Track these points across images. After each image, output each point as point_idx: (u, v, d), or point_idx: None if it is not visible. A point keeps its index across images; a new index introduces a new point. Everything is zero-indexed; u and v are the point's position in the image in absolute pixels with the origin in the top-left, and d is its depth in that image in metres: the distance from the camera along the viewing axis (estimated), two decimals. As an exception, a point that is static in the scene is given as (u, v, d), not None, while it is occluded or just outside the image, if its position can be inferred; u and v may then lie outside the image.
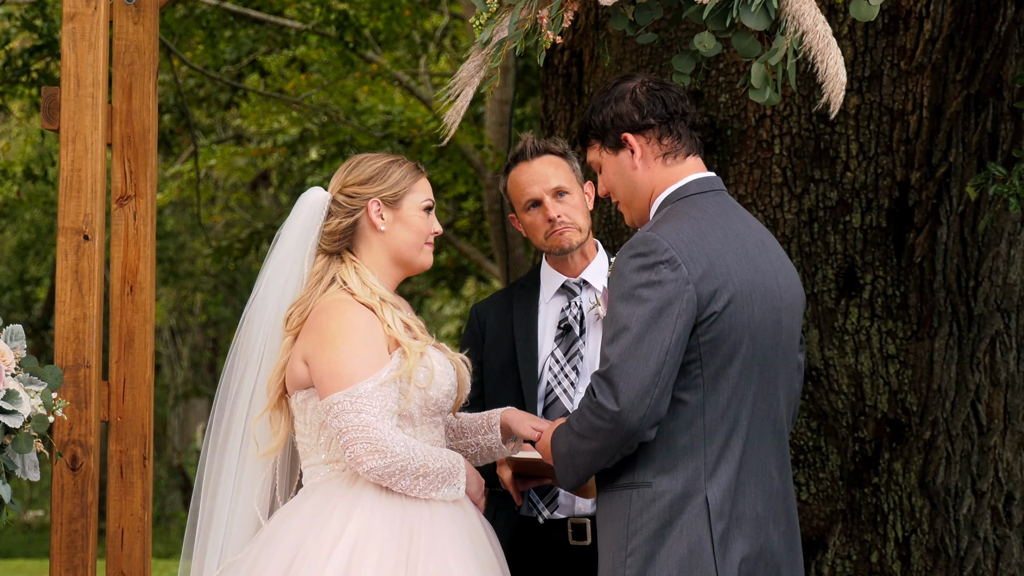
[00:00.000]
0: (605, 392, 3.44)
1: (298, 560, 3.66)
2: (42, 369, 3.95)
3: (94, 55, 4.30)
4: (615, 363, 3.43)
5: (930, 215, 5.68)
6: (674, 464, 3.49)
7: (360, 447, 3.67)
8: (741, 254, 3.57)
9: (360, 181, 3.92)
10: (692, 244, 3.50)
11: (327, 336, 3.75)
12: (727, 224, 3.60)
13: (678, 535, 3.47)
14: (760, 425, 3.59)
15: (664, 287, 3.45)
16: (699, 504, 3.48)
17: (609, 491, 3.57)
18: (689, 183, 3.66)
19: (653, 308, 3.44)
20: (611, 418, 3.42)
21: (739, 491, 3.53)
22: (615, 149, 3.69)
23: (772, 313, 3.60)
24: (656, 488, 3.49)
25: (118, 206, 4.37)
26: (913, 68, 5.67)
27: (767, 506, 3.60)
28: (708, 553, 3.47)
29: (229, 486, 3.87)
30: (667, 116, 3.65)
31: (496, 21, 3.74)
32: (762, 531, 3.58)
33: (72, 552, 4.22)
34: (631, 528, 3.49)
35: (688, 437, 3.50)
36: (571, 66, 6.37)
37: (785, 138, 5.75)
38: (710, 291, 3.48)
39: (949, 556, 5.66)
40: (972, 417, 5.74)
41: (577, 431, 3.52)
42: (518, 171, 4.37)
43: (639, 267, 3.48)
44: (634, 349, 3.42)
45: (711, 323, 3.48)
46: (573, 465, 3.57)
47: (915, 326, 5.70)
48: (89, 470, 4.22)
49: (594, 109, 3.70)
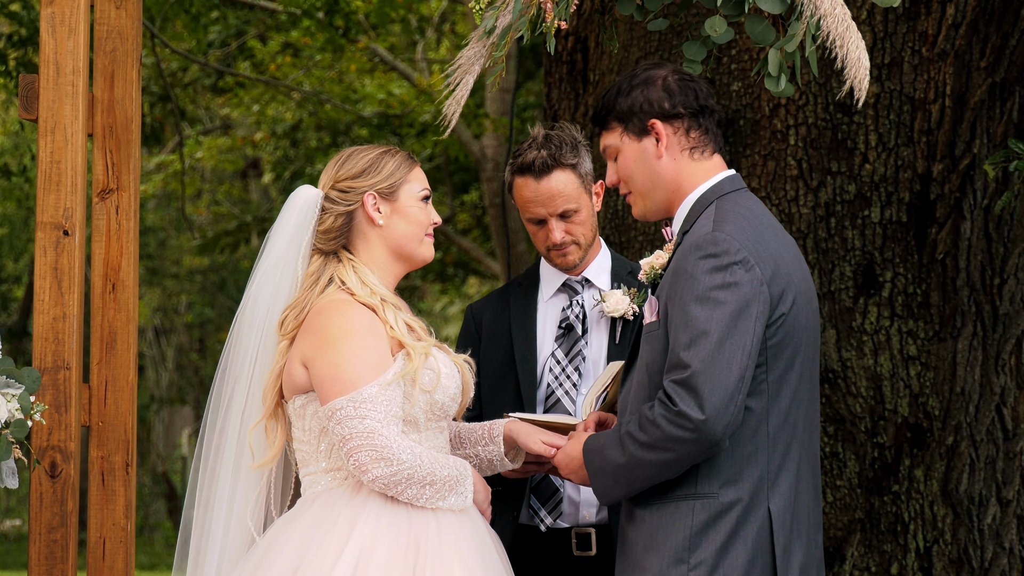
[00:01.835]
0: (687, 400, 3.42)
1: (300, 573, 3.64)
2: (19, 371, 3.94)
3: (74, 41, 4.29)
4: (698, 369, 3.42)
5: (953, 209, 5.66)
6: (740, 474, 3.51)
7: (365, 455, 3.66)
8: (793, 253, 3.61)
9: (353, 175, 3.90)
10: (757, 244, 3.52)
11: (327, 338, 3.74)
12: (771, 223, 3.64)
13: (742, 547, 3.49)
14: (810, 430, 3.64)
15: (740, 288, 3.46)
16: (762, 515, 3.51)
17: (662, 502, 3.56)
18: (723, 180, 3.68)
19: (732, 311, 3.45)
20: (695, 427, 3.42)
21: (798, 500, 3.56)
22: (639, 136, 3.67)
23: (815, 315, 3.65)
24: (722, 499, 3.51)
25: (99, 200, 4.36)
26: (935, 55, 5.66)
27: (816, 514, 3.65)
28: (770, 565, 3.50)
29: (224, 500, 3.86)
30: (698, 109, 3.65)
31: (499, 7, 3.73)
32: (812, 540, 3.62)
33: (51, 563, 4.20)
34: (694, 540, 3.50)
35: (753, 445, 3.52)
36: (575, 53, 6.35)
37: (801, 128, 5.74)
38: (779, 292, 3.51)
39: (973, 568, 5.66)
40: (997, 421, 5.74)
41: (644, 441, 3.50)
42: (524, 184, 4.33)
43: (712, 268, 3.48)
44: (716, 354, 3.42)
45: (779, 325, 3.52)
46: (628, 477, 3.56)
47: (937, 326, 5.69)
48: (69, 477, 4.21)
49: (620, 91, 3.68)
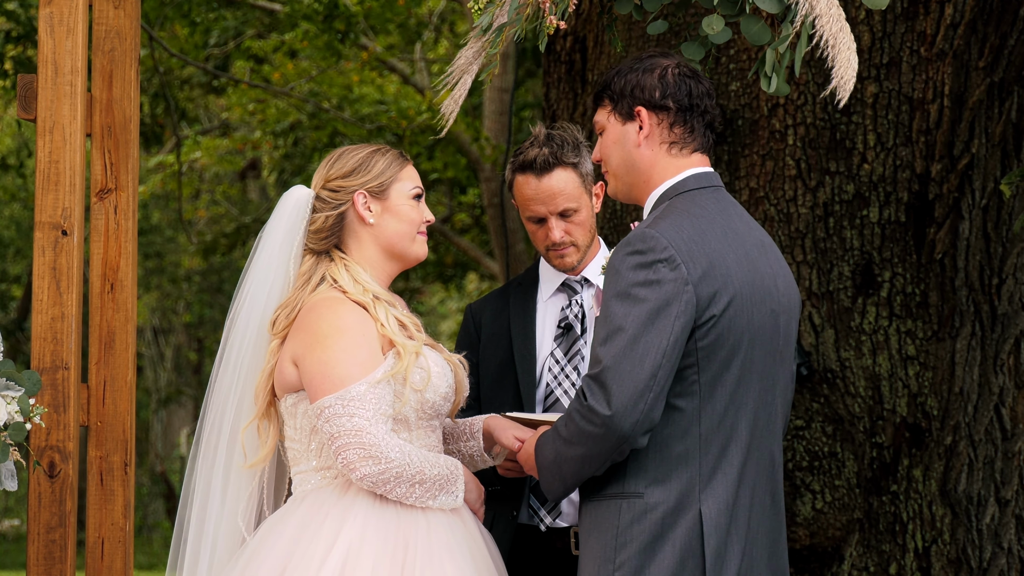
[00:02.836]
0: (596, 395, 3.42)
1: (287, 573, 3.65)
2: (19, 374, 3.94)
3: (73, 41, 4.30)
4: (608, 365, 3.41)
5: (951, 209, 5.67)
6: (668, 474, 3.48)
7: (353, 453, 3.66)
8: (741, 255, 3.56)
9: (343, 174, 3.93)
10: (692, 243, 3.49)
11: (317, 335, 3.75)
12: (727, 223, 3.60)
13: (670, 549, 3.45)
14: (761, 435, 3.58)
15: (662, 287, 3.43)
16: (693, 517, 3.46)
17: (596, 500, 3.55)
18: (687, 178, 3.65)
19: (650, 308, 3.42)
20: (602, 423, 3.40)
21: (738, 504, 3.51)
22: (624, 118, 3.68)
23: (771, 317, 3.59)
24: (648, 499, 3.48)
25: (98, 200, 4.37)
26: (933, 55, 5.67)
27: (771, 520, 3.60)
28: (700, 570, 3.45)
29: (216, 500, 3.87)
30: (687, 106, 3.64)
31: (496, 5, 3.74)
32: (760, 546, 3.56)
33: (50, 563, 4.21)
34: (620, 540, 3.47)
35: (683, 446, 3.48)
36: (574, 52, 6.36)
37: (799, 128, 5.75)
38: (710, 293, 3.47)
39: (971, 567, 5.66)
40: (996, 421, 5.74)
41: (565, 436, 3.50)
42: (524, 182, 4.34)
43: (636, 265, 3.46)
44: (629, 351, 3.40)
45: (710, 327, 3.47)
46: (560, 473, 3.55)
47: (935, 326, 5.70)
48: (68, 477, 4.22)
49: (619, 72, 3.69)
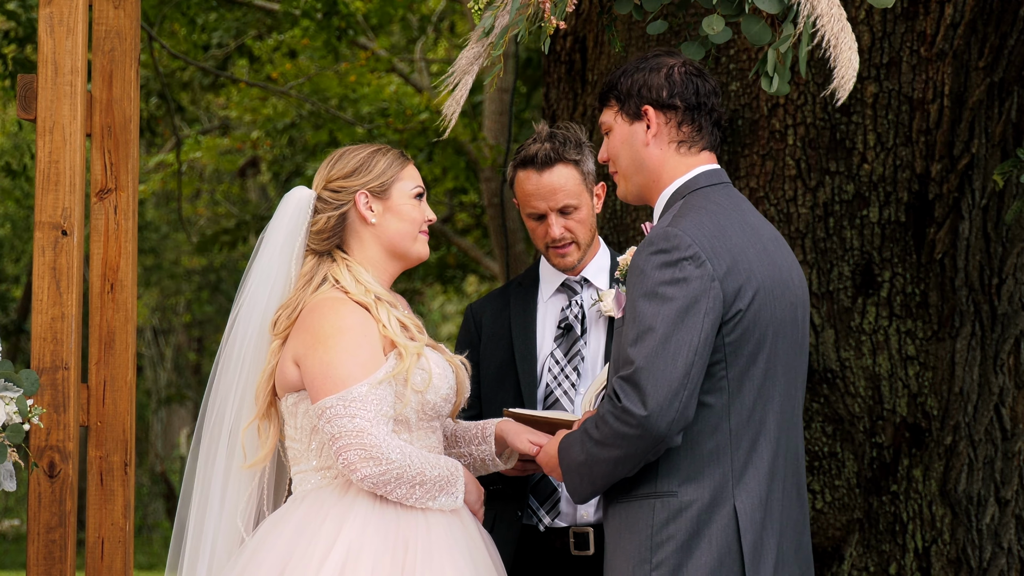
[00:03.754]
0: (631, 396, 3.42)
1: (287, 574, 3.66)
2: (17, 375, 3.94)
3: (72, 41, 4.31)
4: (641, 365, 3.41)
5: (951, 209, 5.68)
6: (700, 471, 3.49)
7: (353, 453, 3.67)
8: (759, 249, 3.58)
9: (345, 174, 3.93)
10: (714, 239, 3.50)
11: (319, 336, 3.75)
12: (743, 218, 3.62)
13: (707, 546, 3.46)
14: (788, 428, 3.61)
15: (689, 284, 3.44)
16: (728, 514, 3.48)
17: (626, 501, 3.56)
18: (698, 175, 3.67)
19: (679, 307, 3.43)
20: (638, 423, 3.41)
21: (771, 498, 3.53)
22: (631, 118, 3.69)
23: (791, 310, 3.61)
24: (682, 497, 3.49)
25: (98, 200, 4.38)
26: (933, 55, 5.67)
27: (798, 513, 3.62)
28: (738, 565, 3.47)
29: (216, 500, 3.88)
30: (695, 104, 3.65)
31: (497, 6, 3.75)
32: (791, 539, 3.58)
33: (50, 563, 4.22)
34: (655, 539, 3.48)
35: (714, 442, 3.50)
36: (574, 53, 6.36)
37: (799, 128, 5.76)
38: (735, 288, 3.48)
39: (971, 567, 5.67)
40: (995, 421, 5.75)
41: (597, 438, 3.50)
42: (526, 177, 4.36)
43: (661, 264, 3.47)
44: (661, 350, 3.41)
45: (737, 321, 3.49)
46: (590, 475, 3.56)
47: (936, 326, 5.71)
48: (68, 477, 4.22)
49: (625, 71, 3.69)
